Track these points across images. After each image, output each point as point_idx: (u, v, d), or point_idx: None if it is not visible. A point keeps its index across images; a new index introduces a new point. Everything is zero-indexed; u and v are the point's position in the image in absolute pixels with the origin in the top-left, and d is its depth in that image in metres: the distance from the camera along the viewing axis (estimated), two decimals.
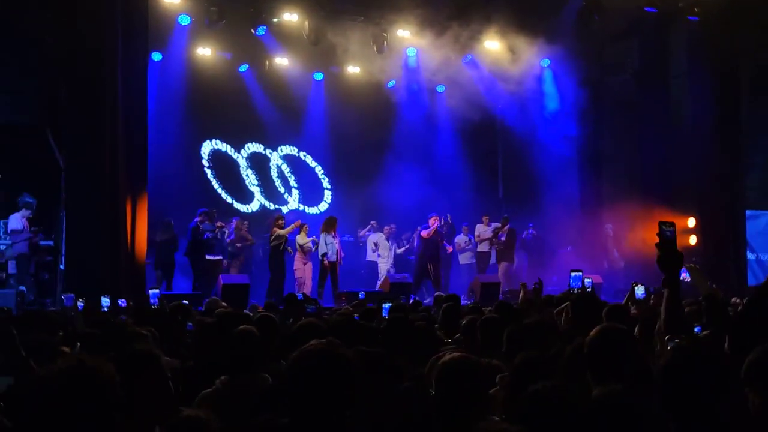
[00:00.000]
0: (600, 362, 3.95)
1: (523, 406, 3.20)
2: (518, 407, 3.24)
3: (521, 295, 10.97)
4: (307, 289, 16.90)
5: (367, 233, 19.82)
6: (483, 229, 19.70)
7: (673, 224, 4.16)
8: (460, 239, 19.99)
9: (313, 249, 17.56)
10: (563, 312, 6.75)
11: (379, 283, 18.08)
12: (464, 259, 20.09)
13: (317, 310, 9.40)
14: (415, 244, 19.37)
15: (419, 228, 18.93)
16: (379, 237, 19.36)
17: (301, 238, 17.58)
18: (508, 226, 19.40)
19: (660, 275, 4.12)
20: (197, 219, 17.00)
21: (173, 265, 17.02)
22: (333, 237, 17.42)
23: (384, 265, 19.21)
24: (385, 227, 19.62)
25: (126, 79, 15.66)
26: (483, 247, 19.69)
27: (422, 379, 4.61)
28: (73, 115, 15.48)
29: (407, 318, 6.62)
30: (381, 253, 19.27)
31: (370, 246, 19.48)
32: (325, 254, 17.22)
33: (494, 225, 19.64)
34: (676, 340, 3.86)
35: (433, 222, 18.22)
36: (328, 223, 17.64)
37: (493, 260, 19.75)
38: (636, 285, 8.78)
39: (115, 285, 13.48)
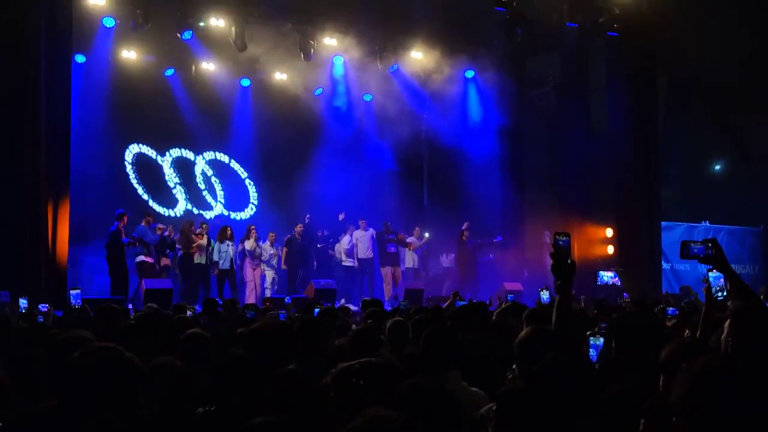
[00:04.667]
0: (527, 359, 4.19)
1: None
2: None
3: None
4: (257, 293, 17.69)
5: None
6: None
7: (567, 234, 4.41)
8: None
9: (263, 255, 18.40)
10: None
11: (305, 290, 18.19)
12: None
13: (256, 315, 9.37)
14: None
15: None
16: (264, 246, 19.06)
17: (249, 244, 18.02)
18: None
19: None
20: (117, 223, 16.81)
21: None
22: (227, 245, 17.64)
23: (269, 274, 19.07)
24: (270, 233, 19.36)
25: (49, 80, 15.45)
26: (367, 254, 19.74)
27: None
28: None
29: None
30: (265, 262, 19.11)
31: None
32: (216, 262, 17.52)
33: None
34: (593, 337, 4.05)
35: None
36: (222, 232, 17.85)
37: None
38: (541, 290, 9.11)
39: (35, 287, 13.32)
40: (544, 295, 8.86)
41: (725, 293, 5.32)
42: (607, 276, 15.56)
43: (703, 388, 2.08)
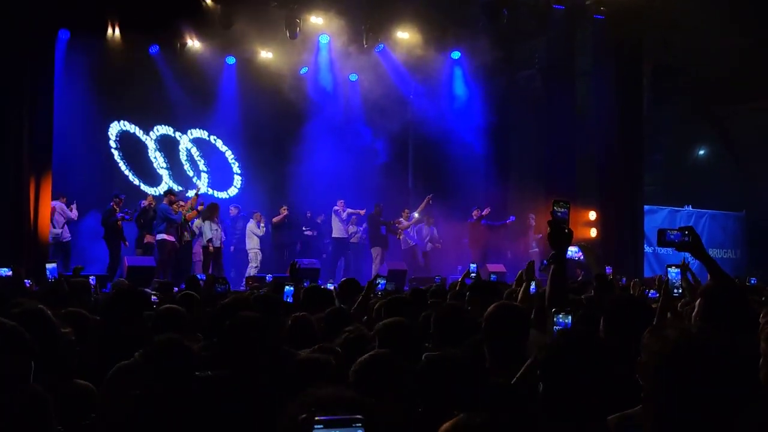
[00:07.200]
0: (496, 335, 4.15)
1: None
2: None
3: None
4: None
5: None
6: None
7: (567, 203, 4.23)
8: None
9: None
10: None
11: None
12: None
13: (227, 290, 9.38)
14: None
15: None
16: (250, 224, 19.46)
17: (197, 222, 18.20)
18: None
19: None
20: (110, 203, 16.85)
21: None
22: (216, 223, 17.83)
23: (254, 251, 19.35)
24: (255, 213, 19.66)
25: (31, 56, 15.35)
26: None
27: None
28: None
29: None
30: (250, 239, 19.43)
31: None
32: (210, 240, 17.60)
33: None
34: (560, 314, 3.98)
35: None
36: (211, 209, 17.93)
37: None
38: (524, 280, 8.57)
39: (16, 262, 13.28)
40: (533, 286, 8.35)
41: (681, 291, 5.40)
42: (570, 251, 15.65)
43: (664, 357, 2.13)
